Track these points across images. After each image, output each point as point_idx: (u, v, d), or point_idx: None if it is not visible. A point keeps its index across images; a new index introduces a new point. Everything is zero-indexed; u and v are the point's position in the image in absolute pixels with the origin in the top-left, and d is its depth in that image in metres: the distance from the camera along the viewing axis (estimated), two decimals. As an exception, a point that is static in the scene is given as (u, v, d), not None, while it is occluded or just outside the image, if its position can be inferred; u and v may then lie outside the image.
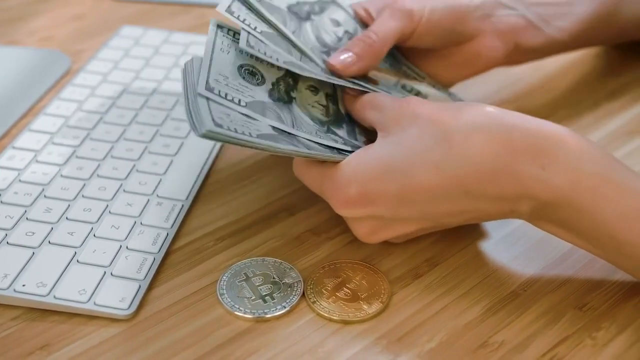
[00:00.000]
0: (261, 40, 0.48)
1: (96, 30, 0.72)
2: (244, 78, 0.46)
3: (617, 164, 0.42)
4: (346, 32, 0.54)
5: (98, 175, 0.51)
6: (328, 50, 0.51)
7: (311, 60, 0.50)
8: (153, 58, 0.66)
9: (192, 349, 0.41)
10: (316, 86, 0.49)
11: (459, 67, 0.57)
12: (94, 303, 0.42)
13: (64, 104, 0.59)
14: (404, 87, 0.54)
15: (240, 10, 0.49)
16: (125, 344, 0.41)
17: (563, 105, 0.63)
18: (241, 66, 0.46)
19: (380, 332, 0.42)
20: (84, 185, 0.50)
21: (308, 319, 0.43)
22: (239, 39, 0.47)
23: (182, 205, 0.50)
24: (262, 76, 0.47)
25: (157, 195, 0.50)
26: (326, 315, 0.43)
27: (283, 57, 0.48)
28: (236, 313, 0.43)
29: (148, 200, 0.50)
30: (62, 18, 0.75)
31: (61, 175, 0.51)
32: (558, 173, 0.41)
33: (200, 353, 0.40)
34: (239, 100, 0.44)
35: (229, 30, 0.48)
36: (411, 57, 0.56)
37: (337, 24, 0.54)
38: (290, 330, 0.42)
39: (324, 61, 0.50)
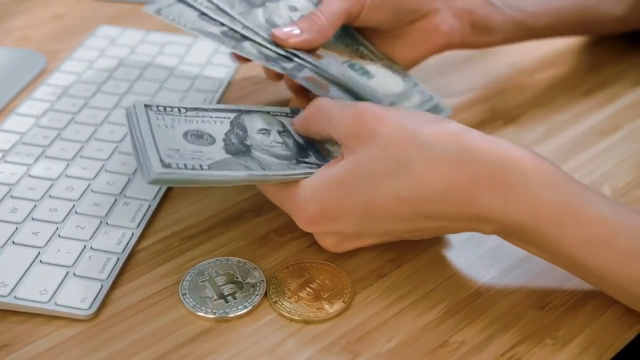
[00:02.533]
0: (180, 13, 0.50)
1: (75, 30, 0.73)
2: (193, 143, 0.45)
3: (579, 190, 0.41)
4: (302, 16, 0.54)
5: (66, 175, 0.51)
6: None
7: (253, 32, 0.51)
8: (128, 58, 0.66)
9: (151, 349, 0.41)
10: (266, 128, 0.48)
11: (414, 46, 0.57)
12: (55, 303, 0.42)
13: (36, 104, 0.59)
14: (351, 66, 0.54)
15: None
16: (84, 344, 0.41)
17: (537, 103, 0.63)
18: (186, 133, 0.45)
19: (341, 332, 0.42)
20: (52, 185, 0.50)
21: (269, 318, 0.43)
22: (170, 112, 0.46)
23: (149, 205, 0.50)
24: (210, 135, 0.46)
25: (125, 195, 0.50)
26: (287, 315, 0.43)
27: (193, 23, 0.49)
28: (198, 313, 0.43)
29: (115, 200, 0.50)
30: (41, 18, 0.75)
31: (29, 175, 0.51)
32: (519, 205, 0.41)
33: (159, 353, 0.40)
34: (200, 166, 0.43)
35: (157, 107, 0.47)
36: (370, 38, 0.57)
37: (294, 9, 0.54)
38: (251, 330, 0.42)
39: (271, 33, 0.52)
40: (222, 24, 0.52)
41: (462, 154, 0.41)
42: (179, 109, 0.47)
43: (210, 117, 0.47)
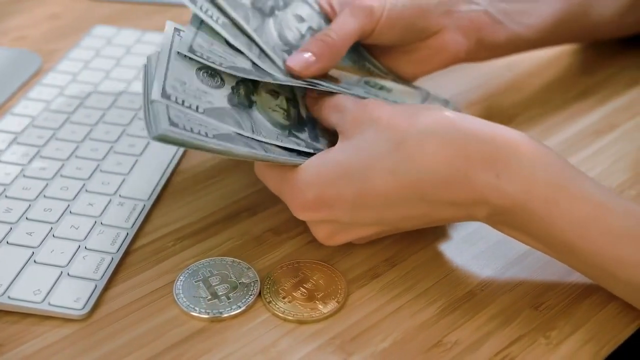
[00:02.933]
0: (210, 43, 0.48)
1: (71, 30, 0.72)
2: (202, 81, 0.45)
3: (571, 171, 0.42)
4: (310, 28, 0.54)
5: (61, 175, 0.51)
6: (290, 48, 0.51)
7: (271, 59, 0.49)
8: (124, 58, 0.66)
9: (144, 349, 0.41)
10: (277, 90, 0.49)
11: (421, 63, 0.57)
12: (49, 303, 0.42)
13: (32, 104, 0.59)
14: (367, 82, 0.54)
15: (204, 3, 0.49)
16: (77, 344, 0.41)
17: (533, 104, 0.63)
18: (200, 68, 0.46)
19: (335, 332, 0.42)
20: (46, 185, 0.50)
21: (263, 318, 0.43)
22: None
23: (144, 205, 0.50)
24: (222, 78, 0.47)
25: (120, 195, 0.50)
26: (281, 315, 0.43)
27: (228, 61, 0.47)
28: (191, 313, 0.43)
29: (110, 200, 0.50)
30: (37, 17, 0.75)
31: (24, 175, 0.51)
32: (512, 181, 0.41)
33: (153, 353, 0.40)
34: (197, 107, 0.44)
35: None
36: (374, 54, 0.56)
37: (300, 19, 0.54)
38: (245, 330, 0.42)
39: (284, 62, 0.50)
40: (247, 58, 0.49)
41: (456, 133, 0.42)
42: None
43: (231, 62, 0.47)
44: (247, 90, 0.47)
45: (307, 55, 0.49)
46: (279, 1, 0.54)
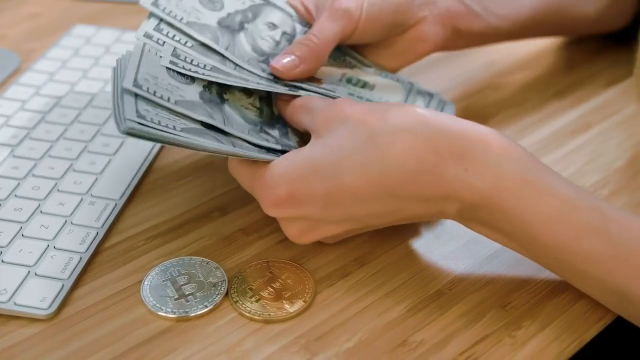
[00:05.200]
0: (188, 53, 0.48)
1: (50, 29, 0.72)
2: (174, 78, 0.46)
3: (539, 167, 0.43)
4: (284, 33, 0.53)
5: (33, 175, 0.51)
6: (266, 58, 0.51)
7: (248, 70, 0.49)
8: (103, 57, 0.66)
9: (108, 348, 0.41)
10: (250, 88, 0.49)
11: (401, 55, 0.57)
12: (14, 303, 0.42)
13: (7, 104, 0.59)
14: (349, 80, 0.54)
15: (170, 30, 0.49)
16: (42, 344, 0.41)
17: (510, 103, 0.63)
18: (170, 67, 0.46)
19: (300, 332, 0.42)
20: (18, 184, 0.50)
21: (230, 318, 0.43)
22: (172, 37, 0.48)
23: (115, 205, 0.50)
24: (193, 78, 0.47)
25: (91, 195, 0.50)
26: (247, 314, 0.43)
27: (206, 74, 0.48)
28: (158, 312, 0.43)
29: (81, 199, 0.50)
30: (17, 17, 0.75)
31: (-5, 175, 0.51)
32: (481, 175, 0.41)
33: (117, 353, 0.40)
34: (168, 98, 0.44)
35: (158, 39, 0.48)
36: (355, 48, 0.56)
37: (273, 26, 0.53)
38: (210, 330, 0.42)
39: (269, 65, 0.50)
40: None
41: (426, 129, 0.42)
42: (184, 42, 0.48)
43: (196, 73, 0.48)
44: (219, 89, 0.47)
45: (291, 57, 0.49)
46: (248, 14, 0.53)
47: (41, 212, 0.48)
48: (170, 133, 0.42)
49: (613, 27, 0.69)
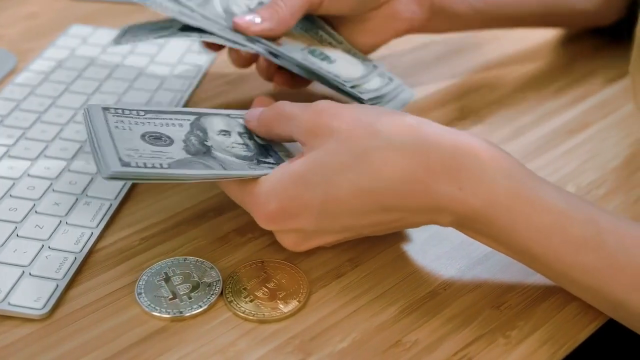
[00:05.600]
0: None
1: (48, 29, 0.72)
2: (152, 144, 0.45)
3: (533, 180, 0.42)
4: (260, 3, 0.55)
5: (29, 175, 0.51)
6: None
7: (213, 21, 0.51)
8: (99, 57, 0.66)
9: (102, 348, 0.41)
10: (226, 129, 0.48)
11: (375, 32, 0.57)
12: (9, 303, 0.42)
13: (2, 104, 0.59)
14: (312, 52, 0.54)
15: None
16: (36, 344, 0.41)
17: (507, 102, 0.63)
18: (144, 135, 0.45)
19: (294, 332, 0.42)
20: (13, 184, 0.50)
21: (224, 318, 0.43)
22: (128, 114, 0.46)
23: (110, 205, 0.50)
24: (169, 137, 0.46)
25: (86, 195, 0.50)
26: (242, 314, 0.43)
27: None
28: (152, 313, 0.43)
29: (77, 199, 0.50)
30: (15, 17, 0.75)
31: (-10, 175, 0.51)
32: (474, 192, 0.41)
33: (111, 353, 0.40)
34: (160, 165, 0.43)
35: (115, 109, 0.46)
36: (330, 22, 0.57)
37: None
38: (205, 330, 0.42)
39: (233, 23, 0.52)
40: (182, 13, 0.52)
41: (418, 143, 0.42)
42: (137, 112, 0.47)
43: (170, 119, 0.47)
44: (199, 139, 0.46)
45: (255, 15, 0.52)
46: None
47: (36, 212, 0.48)
48: (158, 172, 0.42)
49: (606, 20, 0.68)
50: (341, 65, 0.55)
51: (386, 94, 0.54)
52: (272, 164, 0.46)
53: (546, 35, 0.72)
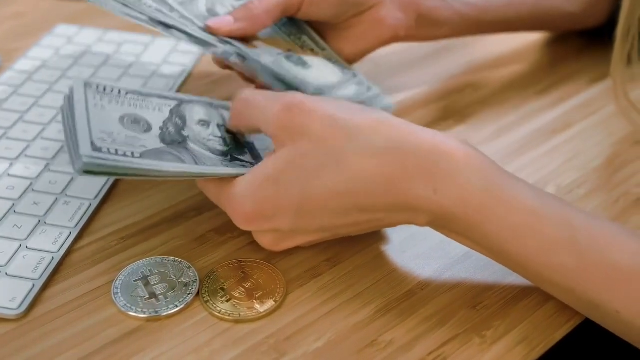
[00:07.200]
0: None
1: (34, 29, 0.72)
2: (129, 128, 0.44)
3: (507, 179, 0.42)
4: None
5: (8, 175, 0.51)
6: None
7: (190, 21, 0.51)
8: (83, 57, 0.66)
9: (77, 348, 0.41)
10: (205, 119, 0.48)
11: (359, 39, 0.57)
12: (-16, 303, 0.42)
13: (-15, 103, 0.59)
14: (288, 57, 0.54)
15: None
16: (10, 344, 0.41)
17: (490, 102, 0.63)
18: (122, 117, 0.45)
19: (270, 332, 0.42)
20: (-7, 184, 0.51)
21: (200, 318, 0.43)
22: (110, 92, 0.46)
23: (90, 205, 0.50)
24: (147, 122, 0.46)
25: (66, 195, 0.50)
26: (217, 314, 0.43)
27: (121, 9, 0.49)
28: (128, 312, 0.43)
29: (56, 199, 0.50)
30: (1, 16, 0.75)
31: (-30, 175, 0.51)
32: (449, 193, 0.41)
33: (85, 353, 0.40)
34: (132, 153, 0.43)
35: (97, 85, 0.46)
36: (316, 29, 0.57)
37: None
38: (180, 330, 0.42)
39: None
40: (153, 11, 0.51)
41: (392, 144, 0.41)
42: (119, 90, 0.46)
43: (151, 102, 0.47)
44: (176, 127, 0.46)
45: (227, 17, 0.52)
46: None
47: (15, 211, 0.48)
48: (128, 161, 0.41)
49: (593, 22, 0.68)
50: (317, 71, 0.54)
51: (362, 102, 0.54)
52: (246, 162, 0.46)
53: (530, 37, 0.72)
